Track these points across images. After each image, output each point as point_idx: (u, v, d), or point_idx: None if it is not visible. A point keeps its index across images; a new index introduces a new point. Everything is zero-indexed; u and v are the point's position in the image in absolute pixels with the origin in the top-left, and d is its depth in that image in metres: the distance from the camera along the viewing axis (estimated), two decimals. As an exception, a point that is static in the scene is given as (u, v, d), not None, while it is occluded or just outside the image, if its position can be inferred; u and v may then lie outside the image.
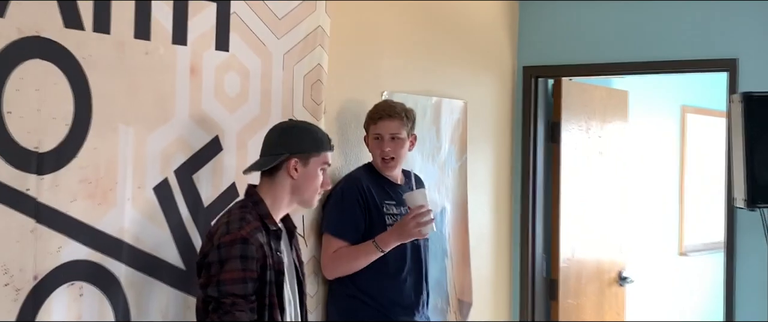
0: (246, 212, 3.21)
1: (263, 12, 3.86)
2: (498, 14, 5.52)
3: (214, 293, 3.05)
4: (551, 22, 5.58)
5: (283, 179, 3.29)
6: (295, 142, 3.31)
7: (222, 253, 3.08)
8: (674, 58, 5.26)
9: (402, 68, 4.75)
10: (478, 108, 5.28)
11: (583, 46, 5.50)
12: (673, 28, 5.28)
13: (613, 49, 5.43)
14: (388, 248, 3.91)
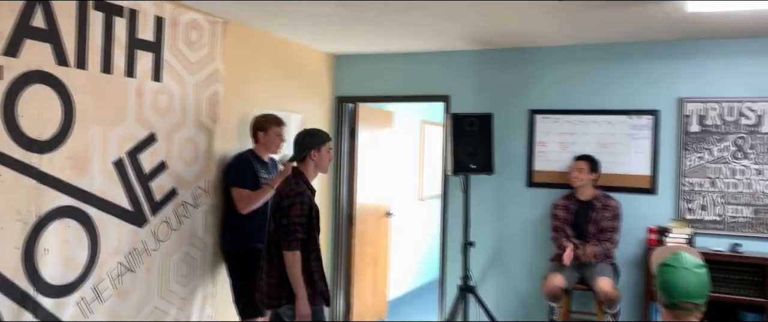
0: (299, 180, 3.30)
1: (183, 59, 3.75)
2: (324, 62, 5.50)
3: (285, 222, 3.18)
4: (353, 70, 5.58)
5: (309, 162, 3.36)
6: (311, 140, 3.38)
7: (290, 201, 3.20)
8: (418, 93, 5.32)
9: (267, 94, 4.68)
10: (312, 119, 5.27)
11: (369, 85, 5.51)
12: (417, 76, 5.30)
13: (385, 88, 5.45)
14: (275, 185, 3.88)
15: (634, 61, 4.60)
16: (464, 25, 4.19)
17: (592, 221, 4.38)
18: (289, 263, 3.17)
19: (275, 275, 3.25)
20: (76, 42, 3.02)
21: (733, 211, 4.32)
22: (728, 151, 4.34)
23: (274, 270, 3.25)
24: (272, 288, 3.25)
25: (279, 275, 3.24)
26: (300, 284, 3.18)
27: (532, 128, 4.89)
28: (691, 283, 2.07)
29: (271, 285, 3.25)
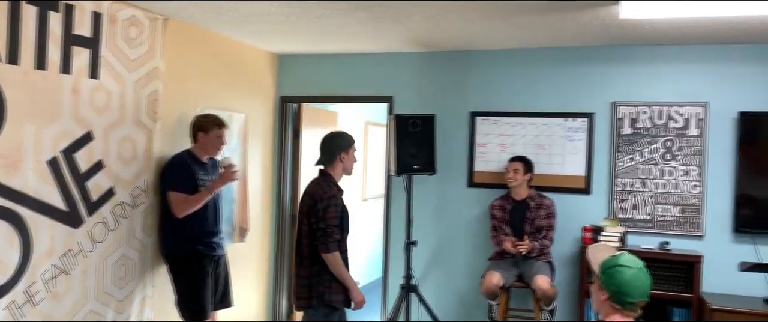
0: (329, 182, 3.36)
1: (121, 56, 3.66)
2: (267, 62, 5.47)
3: (322, 225, 3.23)
4: (297, 70, 5.56)
5: (337, 164, 3.44)
6: (340, 143, 3.46)
7: (325, 203, 3.26)
8: (362, 94, 5.35)
9: (208, 92, 4.62)
10: (255, 119, 5.23)
11: (313, 85, 5.51)
12: (361, 77, 5.33)
13: (329, 88, 5.46)
14: (214, 190, 3.83)
15: (571, 65, 4.76)
16: (407, 27, 4.24)
17: (528, 220, 4.50)
18: (332, 263, 3.26)
19: (305, 275, 3.33)
20: (8, 36, 2.92)
21: (662, 210, 4.52)
22: (658, 152, 4.54)
23: (303, 271, 3.33)
24: (302, 289, 3.33)
25: (309, 276, 3.32)
26: (347, 278, 3.32)
27: (473, 130, 4.99)
28: (643, 282, 2.21)
29: (301, 286, 3.33)
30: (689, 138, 4.48)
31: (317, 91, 5.50)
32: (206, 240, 3.94)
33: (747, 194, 4.32)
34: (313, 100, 5.61)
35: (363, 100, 5.42)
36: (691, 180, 4.47)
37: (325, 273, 3.29)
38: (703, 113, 4.45)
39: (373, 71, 5.29)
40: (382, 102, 5.31)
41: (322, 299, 3.29)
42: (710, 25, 3.90)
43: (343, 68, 5.39)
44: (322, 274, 3.29)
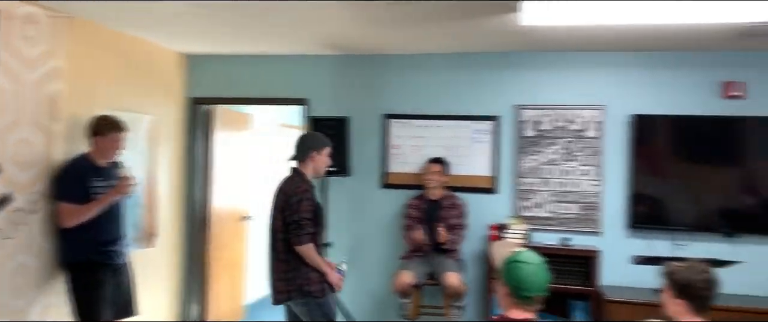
0: (302, 178, 3.48)
1: (17, 54, 3.49)
2: (176, 62, 5.35)
3: (296, 218, 3.34)
4: (208, 71, 5.46)
5: (308, 163, 3.55)
6: (313, 143, 3.59)
7: (298, 198, 3.36)
8: (277, 96, 5.32)
9: (114, 93, 4.47)
10: (164, 121, 5.10)
11: (226, 87, 5.43)
12: (275, 79, 5.31)
13: (242, 90, 5.39)
14: (106, 202, 3.68)
15: (478, 70, 4.93)
16: (319, 30, 4.28)
17: (441, 219, 4.63)
18: (306, 255, 3.38)
19: (282, 269, 3.44)
20: None
21: (563, 208, 4.77)
22: (559, 153, 4.78)
23: (280, 266, 3.44)
24: (280, 283, 3.44)
25: (286, 270, 3.42)
26: (322, 265, 3.43)
27: (387, 132, 5.08)
28: (541, 277, 2.31)
29: (279, 280, 3.45)
30: (588, 140, 4.74)
31: (230, 92, 5.42)
32: (103, 248, 3.77)
33: (640, 192, 4.62)
34: (226, 101, 5.53)
35: (277, 102, 5.40)
36: (589, 179, 4.74)
37: (302, 266, 3.41)
38: (600, 116, 4.72)
39: (287, 73, 5.28)
40: (296, 104, 5.30)
41: (302, 291, 3.40)
42: (607, 34, 4.15)
43: (256, 70, 5.34)
44: (299, 267, 3.41)
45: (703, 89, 4.59)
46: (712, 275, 2.45)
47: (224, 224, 5.74)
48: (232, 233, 5.90)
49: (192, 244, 5.49)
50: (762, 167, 4.46)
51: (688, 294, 2.43)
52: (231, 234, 5.87)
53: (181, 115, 5.42)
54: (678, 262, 2.55)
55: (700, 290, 2.41)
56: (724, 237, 4.48)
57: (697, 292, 2.41)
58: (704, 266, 2.48)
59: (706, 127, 4.53)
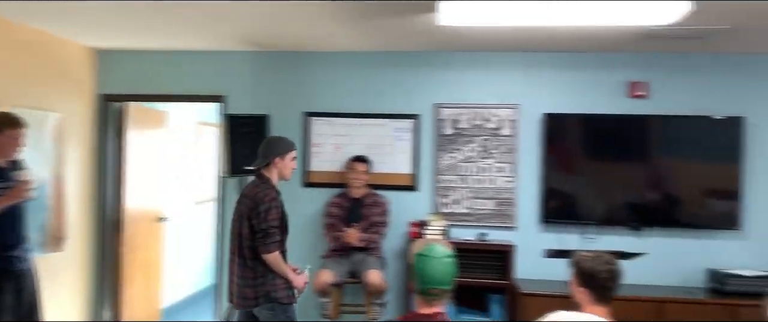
0: (268, 185, 3.42)
1: None
2: (85, 58, 5.10)
3: (264, 226, 3.32)
4: (120, 67, 5.25)
5: (273, 168, 3.47)
6: (276, 148, 3.50)
7: (266, 206, 3.33)
8: (193, 93, 5.18)
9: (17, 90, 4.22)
10: (72, 119, 4.86)
11: (139, 83, 5.23)
12: (191, 75, 5.15)
13: (157, 86, 5.21)
14: (4, 206, 3.46)
15: (398, 68, 4.97)
16: (235, 25, 4.18)
17: (364, 217, 4.63)
18: (273, 263, 3.36)
19: (250, 276, 3.40)
20: None
21: (480, 204, 4.87)
22: (476, 151, 4.88)
23: (247, 272, 3.41)
24: (247, 289, 3.41)
25: (254, 277, 3.40)
26: (288, 272, 3.43)
27: (308, 130, 5.03)
28: (439, 271, 2.31)
29: (246, 287, 3.41)
30: (503, 138, 4.86)
31: (143, 89, 5.23)
32: (2, 253, 3.55)
33: (552, 188, 4.78)
34: (139, 98, 5.33)
35: (193, 99, 5.26)
36: (504, 176, 4.86)
37: (269, 273, 3.40)
38: (514, 115, 4.85)
39: (204, 69, 5.14)
40: (213, 102, 5.18)
41: (269, 297, 3.39)
42: (520, 34, 4.26)
43: (171, 66, 5.18)
44: (266, 274, 3.40)
45: (610, 89, 4.79)
46: (616, 267, 2.51)
47: (139, 226, 5.52)
48: (148, 234, 5.69)
49: (104, 246, 5.26)
50: (666, 164, 4.70)
51: (591, 284, 2.49)
52: (146, 236, 5.66)
53: (92, 113, 5.18)
54: (585, 252, 2.62)
55: (602, 280, 2.47)
56: (631, 230, 4.70)
57: (599, 282, 2.47)
58: (609, 257, 2.55)
59: (614, 125, 4.73)
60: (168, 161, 6.14)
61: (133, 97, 5.29)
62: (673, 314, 4.21)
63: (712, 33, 4.02)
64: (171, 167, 6.25)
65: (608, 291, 2.48)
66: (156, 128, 5.82)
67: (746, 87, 4.69)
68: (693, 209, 4.67)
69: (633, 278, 4.56)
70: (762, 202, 4.64)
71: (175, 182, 6.36)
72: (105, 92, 5.24)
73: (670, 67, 4.74)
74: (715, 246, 4.66)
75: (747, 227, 4.63)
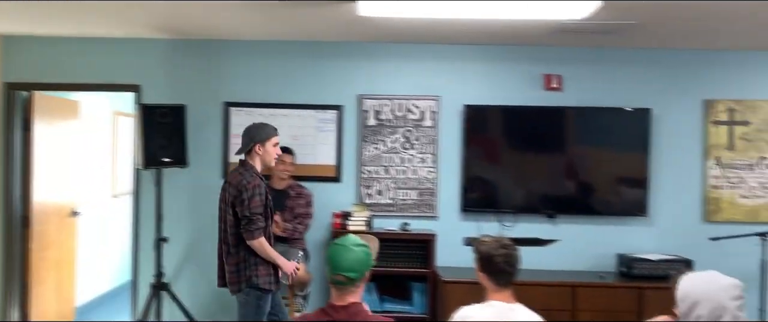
0: (251, 172, 3.50)
1: None
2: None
3: (247, 213, 3.42)
4: (27, 54, 4.97)
5: (254, 155, 3.55)
6: (256, 135, 3.55)
7: (250, 193, 3.42)
8: (106, 82, 4.97)
9: None
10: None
11: (48, 71, 4.97)
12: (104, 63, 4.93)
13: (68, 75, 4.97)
14: None
15: (322, 59, 4.92)
16: (149, 12, 4.03)
17: (288, 209, 4.57)
18: (258, 249, 3.47)
19: (234, 262, 3.52)
20: None
21: (402, 194, 4.91)
22: (399, 142, 4.91)
23: (231, 259, 3.52)
24: (232, 275, 3.53)
25: (237, 263, 3.51)
26: (276, 257, 3.52)
27: (228, 121, 4.91)
28: (345, 258, 2.29)
29: (231, 273, 3.53)
30: (425, 129, 4.91)
31: (53, 77, 4.97)
32: None
33: (472, 178, 4.88)
34: (48, 87, 5.07)
35: (106, 88, 5.06)
36: (426, 167, 4.91)
37: (251, 258, 3.51)
38: (436, 106, 4.90)
39: (117, 57, 4.94)
40: (127, 91, 5.00)
41: (250, 283, 3.50)
42: (440, 26, 4.30)
43: (83, 53, 4.95)
44: (248, 259, 3.51)
45: (527, 81, 4.92)
46: (512, 251, 2.50)
47: (50, 221, 5.26)
48: (60, 229, 5.43)
49: (11, 244, 4.98)
50: (580, 154, 4.88)
51: (489, 268, 2.51)
52: (58, 231, 5.40)
53: (-6, 102, 4.89)
54: (485, 237, 2.64)
55: (499, 264, 2.47)
56: (546, 218, 4.86)
57: (497, 266, 2.48)
58: (507, 241, 2.55)
59: (531, 117, 4.86)
60: (81, 152, 5.86)
61: (41, 86, 5.01)
62: (584, 298, 4.38)
63: (620, 28, 4.18)
64: (84, 159, 5.97)
65: (506, 275, 2.49)
66: (68, 118, 5.53)
67: (652, 80, 4.92)
68: (604, 197, 4.88)
69: (547, 265, 4.76)
70: (666, 190, 4.89)
71: (89, 174, 6.08)
72: (10, 80, 4.94)
73: (583, 61, 4.91)
74: (625, 232, 4.88)
75: (653, 213, 4.87)
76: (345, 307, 2.30)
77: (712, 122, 4.89)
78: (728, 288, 2.16)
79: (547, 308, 4.11)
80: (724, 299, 2.14)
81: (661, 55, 4.91)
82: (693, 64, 4.91)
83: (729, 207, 4.87)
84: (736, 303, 2.15)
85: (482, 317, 2.44)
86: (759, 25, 4.04)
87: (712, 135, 4.88)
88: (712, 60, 4.90)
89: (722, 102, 4.88)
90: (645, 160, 4.82)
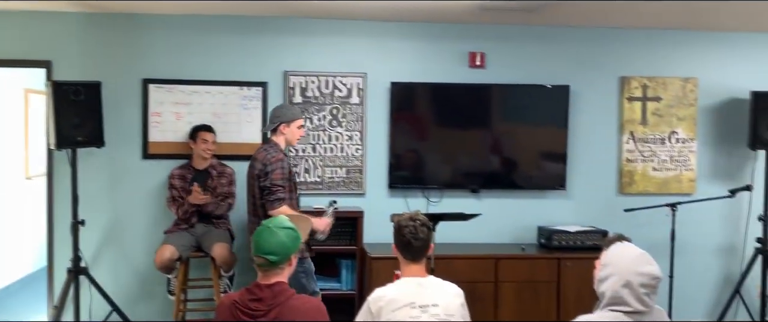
0: (276, 149, 3.73)
1: None
2: None
3: (268, 184, 3.62)
4: None
5: (279, 134, 3.77)
6: (283, 115, 3.78)
7: (273, 166, 3.63)
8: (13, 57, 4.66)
9: None
10: None
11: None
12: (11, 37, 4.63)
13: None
14: None
15: (245, 34, 4.79)
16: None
17: (210, 189, 4.46)
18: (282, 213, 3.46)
19: None
20: None
21: (330, 172, 4.87)
22: (326, 120, 4.85)
23: None
24: None
25: None
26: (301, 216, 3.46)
27: (146, 98, 4.72)
28: (267, 241, 2.25)
29: None
30: (352, 106, 4.87)
31: (-49, 53, 4.62)
32: None
33: (399, 155, 4.89)
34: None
35: (12, 64, 4.74)
36: (354, 144, 4.88)
37: None
38: (362, 83, 4.87)
39: (24, 31, 4.63)
40: (37, 67, 4.70)
41: None
42: (366, 2, 4.24)
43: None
44: None
45: (452, 59, 4.95)
46: (419, 225, 2.53)
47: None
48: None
49: None
50: (502, 130, 4.97)
51: (398, 241, 2.55)
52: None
53: None
54: (403, 213, 2.65)
55: (405, 237, 2.51)
56: (471, 193, 4.94)
57: (405, 239, 2.52)
58: (419, 216, 2.58)
59: (456, 94, 4.90)
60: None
61: (-61, 61, 4.66)
62: (506, 269, 4.50)
63: (541, 6, 4.25)
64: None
65: (413, 248, 2.52)
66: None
67: (571, 57, 5.04)
68: (526, 172, 5.00)
69: (472, 238, 4.86)
70: (584, 164, 5.06)
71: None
72: None
73: (505, 39, 4.98)
74: (545, 205, 5.03)
75: (571, 187, 5.04)
76: (269, 286, 2.27)
77: (626, 98, 5.07)
78: (644, 276, 2.16)
79: (471, 280, 4.28)
80: (636, 283, 2.11)
81: (580, 33, 5.03)
82: (609, 42, 5.07)
83: (642, 180, 5.09)
84: (646, 290, 2.13)
85: (391, 296, 2.46)
86: (671, 3, 4.19)
87: (627, 111, 5.07)
88: (628, 38, 5.07)
89: (636, 79, 5.07)
90: (564, 135, 4.96)
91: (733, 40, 5.14)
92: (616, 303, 2.14)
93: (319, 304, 2.31)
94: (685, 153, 5.11)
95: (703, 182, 5.13)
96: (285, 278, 2.32)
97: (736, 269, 5.09)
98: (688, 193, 5.09)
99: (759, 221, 4.90)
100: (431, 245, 2.62)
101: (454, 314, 2.47)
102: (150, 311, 4.74)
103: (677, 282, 4.81)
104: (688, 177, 5.12)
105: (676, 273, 4.78)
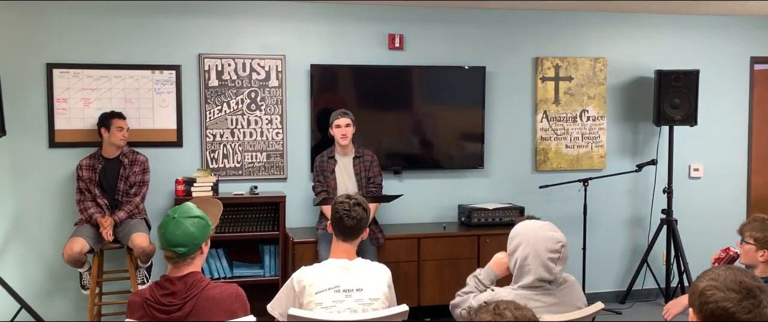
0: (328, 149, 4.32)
1: None
2: None
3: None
4: None
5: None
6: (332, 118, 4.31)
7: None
8: None
9: None
10: None
11: None
12: None
13: None
14: None
15: (155, 15, 4.56)
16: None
17: (122, 178, 4.25)
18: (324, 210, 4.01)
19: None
20: None
21: (250, 157, 4.74)
22: (244, 103, 4.71)
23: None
24: None
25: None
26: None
27: (51, 84, 4.43)
28: (173, 233, 2.13)
29: None
30: (271, 89, 4.75)
31: None
32: None
33: (320, 138, 4.80)
34: None
35: None
36: (274, 128, 4.77)
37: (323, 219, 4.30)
38: (281, 66, 4.75)
39: None
40: (-76, 52, 4.29)
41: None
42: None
43: None
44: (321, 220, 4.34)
45: (372, 40, 4.89)
46: (347, 206, 2.52)
47: None
48: None
49: None
50: (423, 112, 4.98)
51: (332, 220, 2.58)
52: None
53: None
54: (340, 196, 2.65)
55: (339, 213, 2.53)
56: (393, 175, 4.93)
57: (336, 216, 2.54)
58: (354, 197, 2.59)
59: (377, 76, 4.86)
60: None
61: None
62: (428, 248, 4.54)
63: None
64: None
65: (344, 227, 2.53)
66: None
67: (487, 38, 5.10)
68: (446, 151, 5.04)
69: (397, 219, 4.87)
70: (500, 143, 5.15)
71: None
72: None
73: (423, 20, 4.96)
74: (465, 184, 5.10)
75: (489, 165, 5.12)
76: (182, 278, 2.17)
77: (540, 78, 5.19)
78: (549, 241, 2.35)
79: (396, 260, 4.31)
80: (541, 249, 2.32)
81: (495, 14, 5.09)
82: (523, 23, 5.15)
83: (555, 157, 5.24)
84: (551, 256, 2.33)
85: (315, 277, 2.45)
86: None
87: (541, 90, 5.19)
88: (541, 20, 5.17)
89: (549, 59, 5.19)
90: (481, 115, 5.02)
91: (639, 22, 5.34)
92: (523, 274, 2.28)
93: (238, 290, 2.23)
94: (596, 130, 5.29)
95: (613, 158, 5.34)
96: (198, 267, 2.23)
97: (644, 240, 5.35)
98: (599, 169, 5.29)
99: (663, 194, 5.16)
100: (366, 229, 2.59)
101: (380, 297, 2.46)
102: (63, 308, 4.49)
103: (590, 254, 5.01)
104: (598, 154, 5.31)
105: (588, 245, 4.97)
